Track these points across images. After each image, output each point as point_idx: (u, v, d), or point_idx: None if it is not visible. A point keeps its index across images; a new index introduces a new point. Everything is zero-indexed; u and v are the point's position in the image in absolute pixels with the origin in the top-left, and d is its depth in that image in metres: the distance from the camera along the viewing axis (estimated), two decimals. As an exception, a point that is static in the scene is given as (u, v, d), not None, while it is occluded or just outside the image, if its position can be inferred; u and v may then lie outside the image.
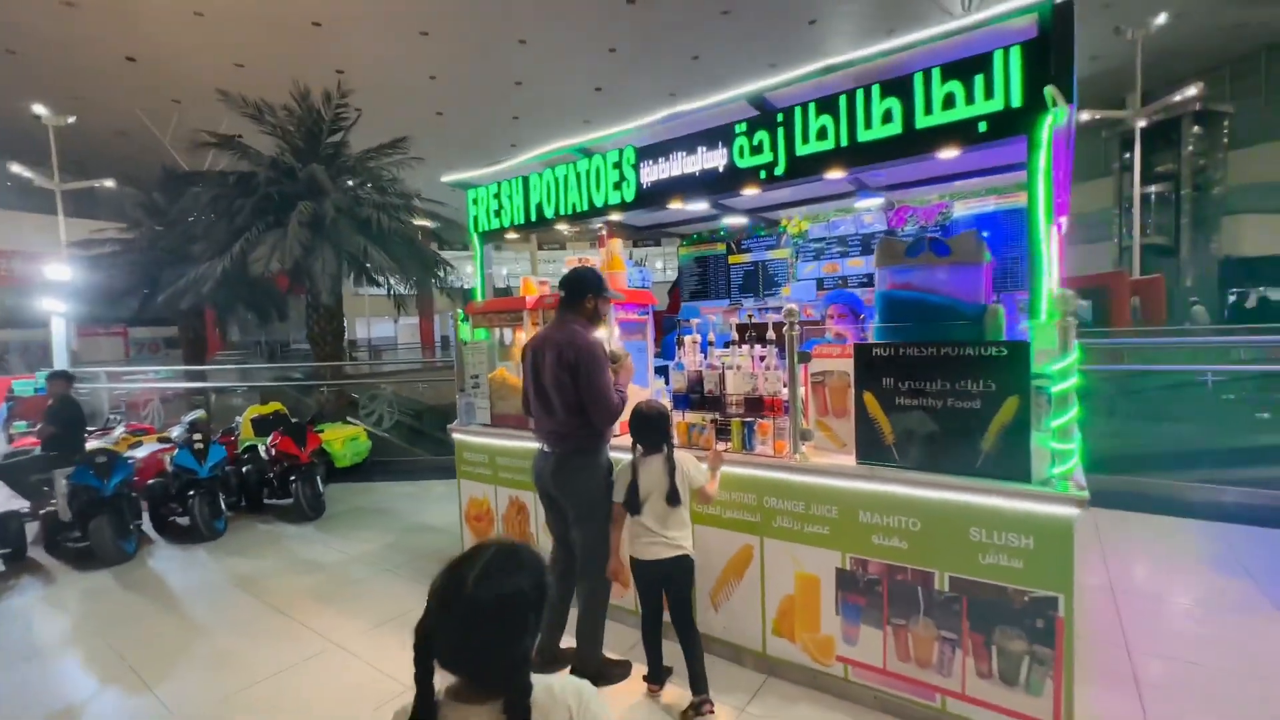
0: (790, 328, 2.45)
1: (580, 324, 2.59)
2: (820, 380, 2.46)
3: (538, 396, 2.65)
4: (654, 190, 3.09)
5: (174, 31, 12.16)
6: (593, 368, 2.45)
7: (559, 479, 2.59)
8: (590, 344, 2.49)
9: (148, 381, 9.57)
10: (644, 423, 2.42)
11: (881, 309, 2.45)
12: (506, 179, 3.73)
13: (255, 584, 3.90)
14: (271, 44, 13.07)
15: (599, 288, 2.64)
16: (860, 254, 5.27)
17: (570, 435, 2.56)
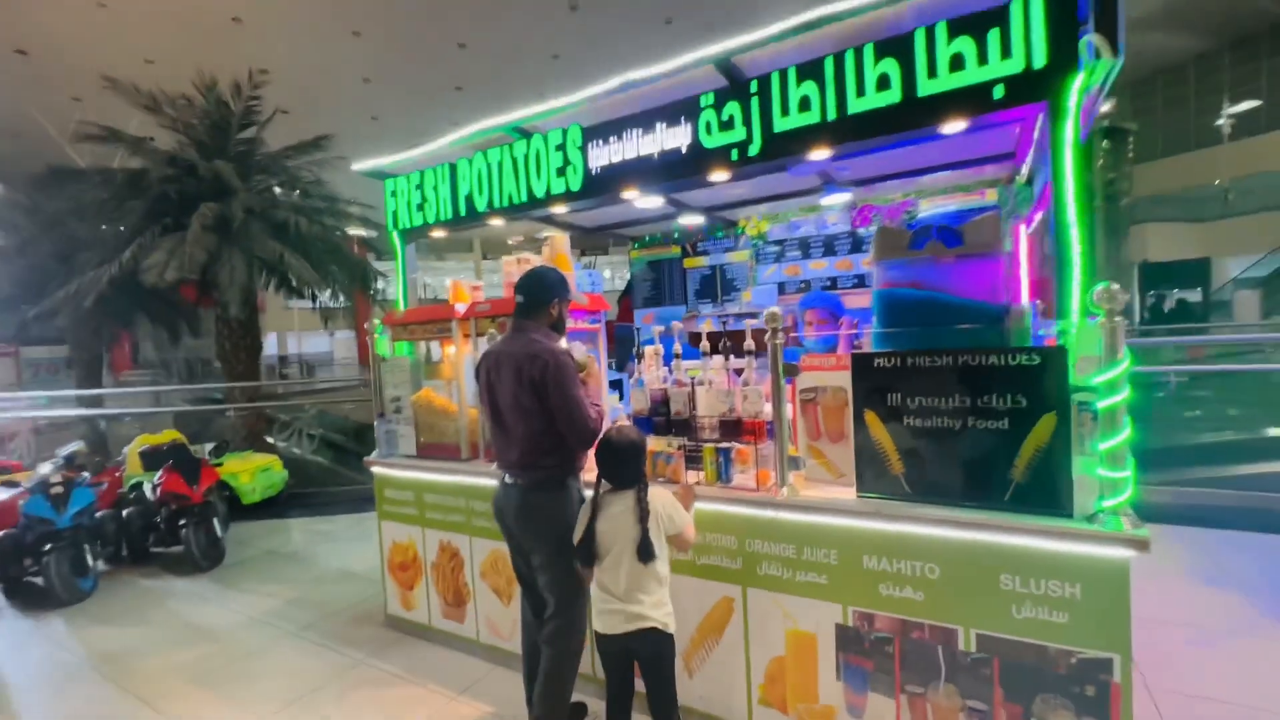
0: (774, 335, 2.03)
1: (541, 333, 2.19)
2: (811, 398, 2.05)
3: (494, 422, 2.24)
4: (604, 177, 2.62)
5: (73, 23, 10.82)
6: (563, 382, 2.05)
7: (523, 516, 2.16)
8: (557, 354, 2.08)
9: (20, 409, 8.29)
10: (612, 455, 1.97)
11: (881, 311, 2.06)
12: (431, 166, 3.18)
13: (119, 663, 3.15)
14: (185, 40, 11.89)
15: (563, 290, 2.26)
16: (823, 255, 4.98)
17: (535, 465, 2.14)
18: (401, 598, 3.29)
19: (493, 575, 2.89)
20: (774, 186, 4.08)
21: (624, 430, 2.01)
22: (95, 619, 3.71)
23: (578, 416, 2.06)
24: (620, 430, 2.01)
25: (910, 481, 1.87)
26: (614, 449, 1.96)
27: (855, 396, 1.94)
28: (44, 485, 4.02)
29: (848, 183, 4.05)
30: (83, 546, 4.03)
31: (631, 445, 1.96)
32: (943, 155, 3.55)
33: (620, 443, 1.96)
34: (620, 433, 1.99)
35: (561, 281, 2.26)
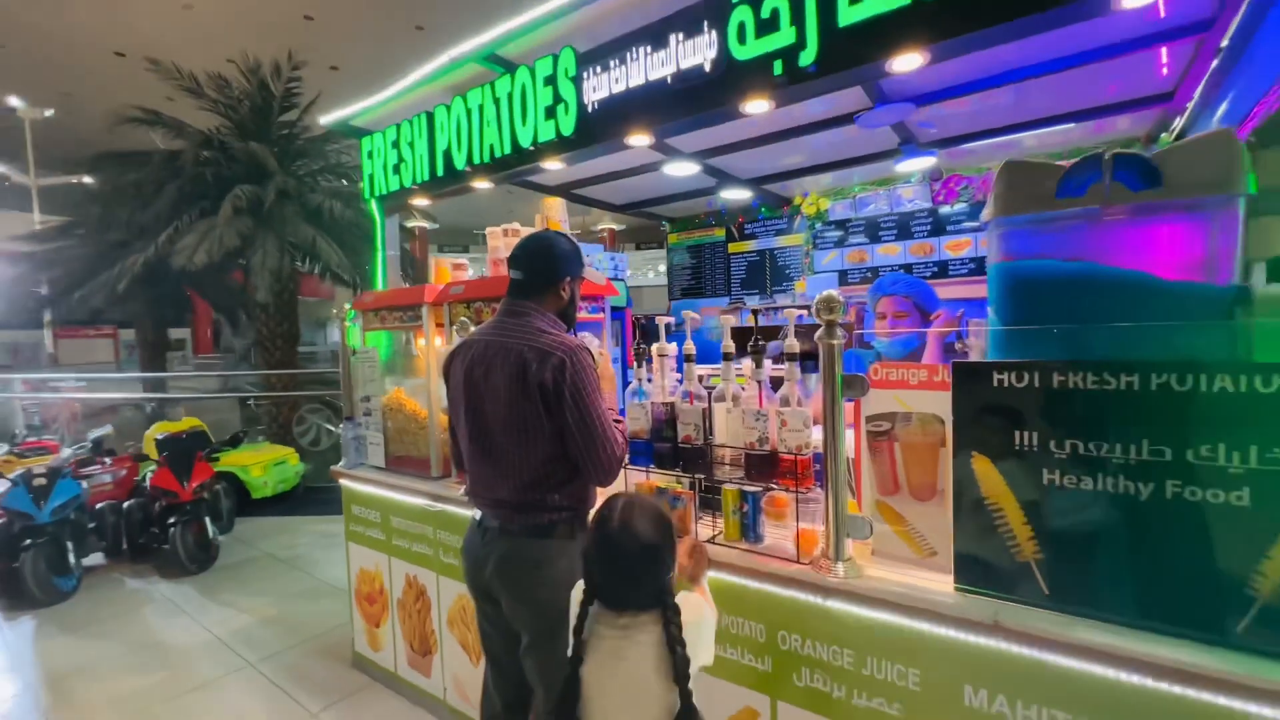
0: (829, 332, 1.33)
1: (548, 321, 1.58)
2: (885, 429, 1.33)
3: (476, 442, 1.60)
4: (604, 115, 1.97)
5: (162, 25, 11.04)
6: (586, 390, 1.48)
7: (512, 576, 1.54)
8: (576, 351, 1.50)
9: (71, 391, 8.49)
10: (613, 559, 1.16)
11: (1006, 298, 1.31)
12: (408, 119, 2.61)
13: (59, 688, 2.79)
14: (261, 38, 12.07)
15: (577, 265, 1.65)
16: (896, 238, 4.14)
17: (536, 506, 1.53)
18: (369, 635, 2.77)
19: (460, 627, 2.31)
20: (836, 149, 3.31)
21: (634, 513, 1.16)
22: (62, 626, 3.41)
23: (602, 440, 1.49)
24: (628, 513, 1.16)
25: (1053, 579, 1.14)
26: (618, 550, 1.13)
27: (958, 432, 1.22)
28: (27, 477, 3.77)
29: (931, 144, 3.22)
30: (64, 543, 3.76)
31: (648, 550, 1.13)
32: (1067, 97, 2.68)
33: (627, 543, 1.13)
34: (628, 520, 1.14)
35: (575, 253, 1.64)
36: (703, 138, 3.00)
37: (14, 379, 8.25)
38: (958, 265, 3.88)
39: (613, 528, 1.15)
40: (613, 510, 1.18)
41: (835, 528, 1.37)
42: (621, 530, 1.15)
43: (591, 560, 1.19)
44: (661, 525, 1.19)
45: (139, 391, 10.07)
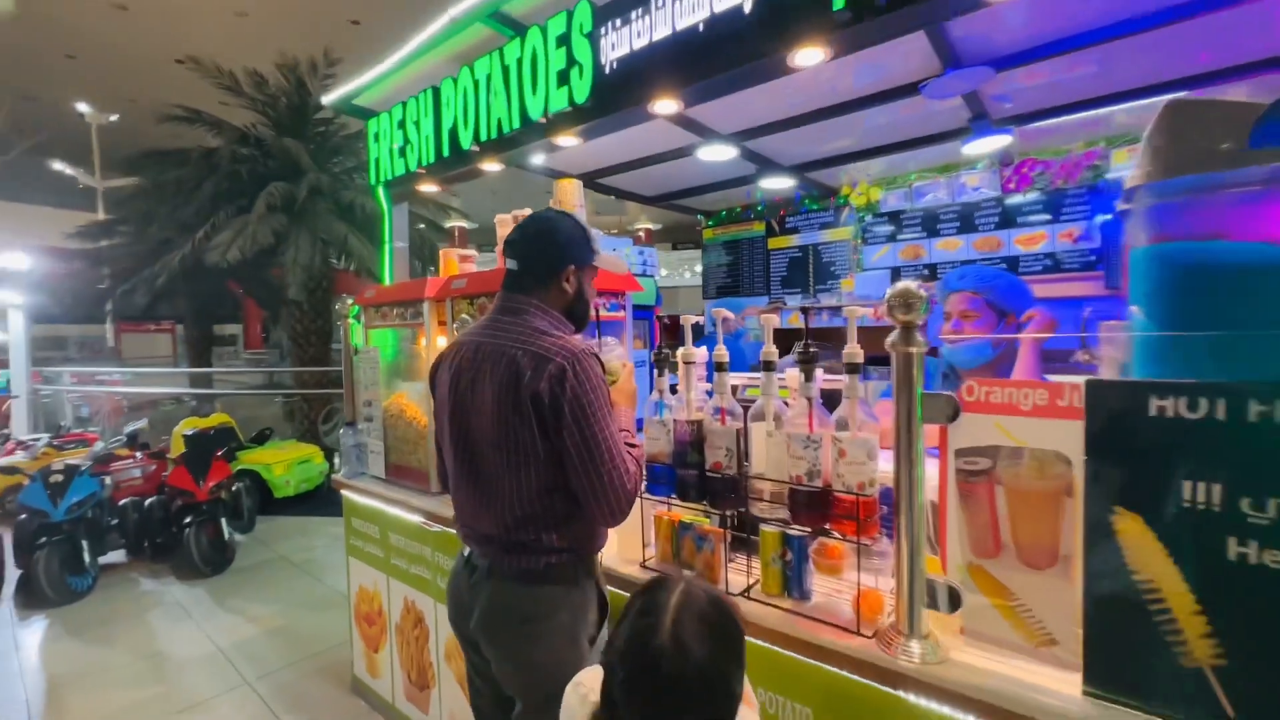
0: (905, 338, 1.00)
1: (549, 319, 1.31)
2: (982, 469, 0.99)
3: (461, 463, 1.33)
4: (623, 76, 1.67)
5: (219, 31, 11.33)
6: (590, 406, 1.20)
7: (496, 629, 1.27)
8: (580, 356, 1.21)
9: (113, 385, 8.71)
10: (662, 689, 0.76)
11: (1163, 294, 0.96)
12: (414, 96, 2.37)
13: (52, 698, 2.66)
14: (311, 41, 12.29)
15: (584, 251, 1.36)
16: (958, 231, 3.72)
17: (528, 546, 1.25)
18: (367, 660, 2.55)
19: (458, 661, 2.05)
20: (894, 128, 2.93)
21: (693, 621, 0.79)
22: (70, 629, 3.32)
23: (610, 470, 1.20)
24: (684, 621, 0.78)
25: (1240, 695, 0.78)
26: (665, 680, 0.76)
27: (1094, 477, 0.87)
28: (45, 473, 3.72)
29: (1006, 120, 2.81)
30: (79, 542, 3.69)
31: (711, 683, 0.77)
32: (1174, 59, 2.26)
33: (682, 670, 0.75)
34: (683, 635, 0.77)
35: (583, 238, 1.36)
36: (740, 115, 2.67)
37: (64, 371, 8.50)
38: (1030, 262, 3.44)
39: (661, 644, 0.76)
40: (658, 613, 0.78)
41: (909, 593, 1.04)
42: (676, 651, 0.75)
43: (619, 680, 0.79)
44: (732, 641, 0.82)
45: (185, 386, 10.31)
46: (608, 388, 1.25)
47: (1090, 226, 3.23)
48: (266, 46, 12.92)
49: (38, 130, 15.33)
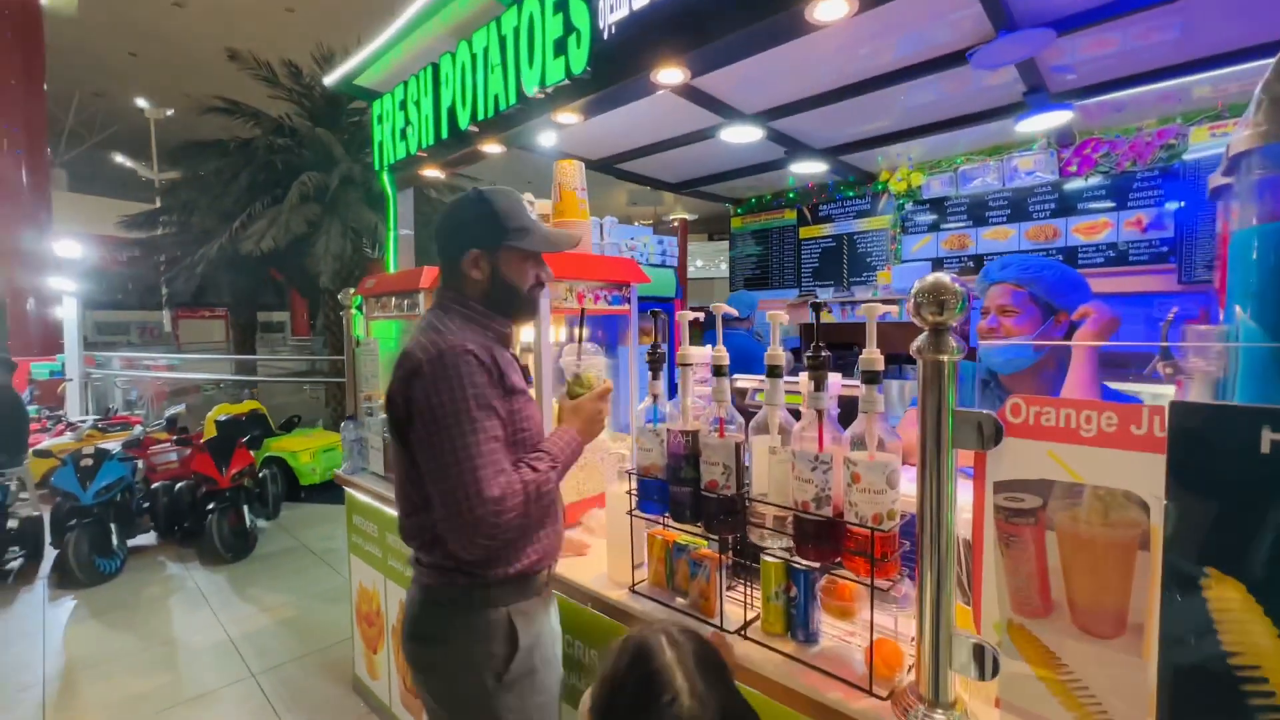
0: (935, 342, 0.81)
1: (464, 312, 1.21)
2: (1028, 509, 0.80)
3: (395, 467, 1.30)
4: (623, 41, 1.50)
5: (269, 26, 11.63)
6: (441, 408, 1.07)
7: (411, 646, 1.23)
8: (444, 354, 1.09)
9: (158, 370, 9.05)
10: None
11: (1276, 287, 0.74)
12: (415, 74, 2.25)
13: (67, 680, 2.70)
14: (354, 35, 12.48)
15: (491, 232, 1.20)
16: (1008, 220, 3.41)
17: (419, 556, 1.22)
18: (367, 660, 2.49)
19: (449, 673, 1.95)
20: (938, 105, 2.67)
21: (701, 672, 0.73)
22: (94, 610, 3.38)
23: (453, 486, 1.04)
24: (694, 678, 0.72)
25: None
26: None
27: (1179, 528, 0.67)
28: (76, 457, 3.81)
29: (1067, 93, 2.51)
30: (107, 525, 3.77)
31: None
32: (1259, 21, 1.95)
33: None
34: (700, 690, 0.71)
35: (489, 215, 1.19)
36: (765, 91, 2.46)
37: (114, 356, 8.87)
38: (1091, 253, 3.12)
39: (687, 707, 0.68)
40: (663, 677, 0.71)
41: (933, 651, 0.86)
42: (704, 709, 0.69)
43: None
44: (728, 671, 0.78)
45: (230, 372, 10.67)
46: (473, 385, 1.07)
47: (1162, 214, 2.90)
48: (311, 40, 13.20)
49: (105, 125, 16.07)
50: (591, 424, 1.27)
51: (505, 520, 1.05)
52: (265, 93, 8.20)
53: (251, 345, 12.35)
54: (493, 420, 1.09)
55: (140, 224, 9.34)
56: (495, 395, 1.11)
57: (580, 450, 1.24)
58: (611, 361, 1.40)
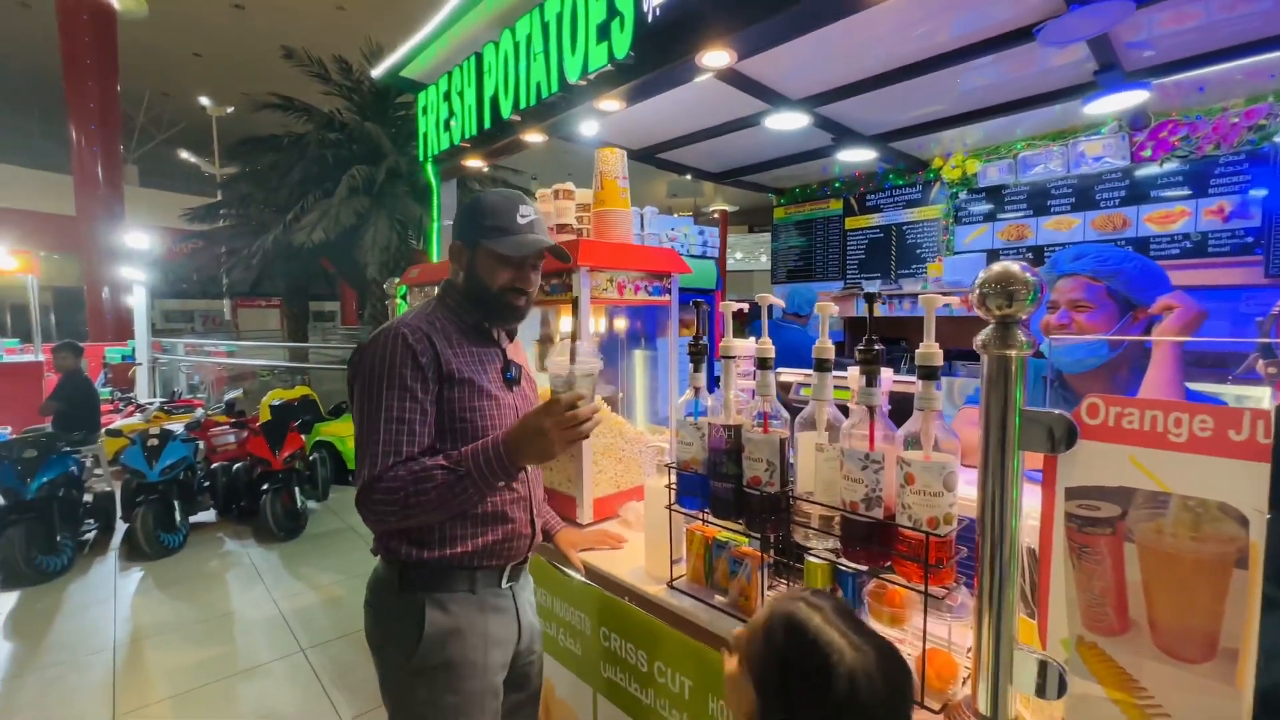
0: (1002, 336, 0.75)
1: (449, 300, 1.25)
2: (1105, 518, 0.74)
3: None
4: (668, 24, 1.46)
5: (319, 24, 12.01)
6: (368, 378, 1.11)
7: (365, 626, 1.27)
8: (381, 333, 1.14)
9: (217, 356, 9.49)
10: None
11: None
12: (459, 64, 2.26)
13: (134, 647, 2.86)
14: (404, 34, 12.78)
15: (471, 226, 1.21)
16: (1071, 209, 3.23)
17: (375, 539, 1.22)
18: (408, 640, 2.55)
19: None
20: (998, 87, 2.53)
21: (850, 624, 0.73)
22: (159, 582, 3.59)
23: (363, 445, 1.10)
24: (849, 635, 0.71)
25: None
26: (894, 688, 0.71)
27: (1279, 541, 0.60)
28: (143, 437, 4.03)
29: (1143, 71, 2.34)
30: (172, 502, 3.99)
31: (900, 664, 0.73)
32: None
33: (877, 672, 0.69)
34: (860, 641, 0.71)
35: (475, 213, 1.20)
36: (813, 76, 2.38)
37: (179, 342, 9.36)
38: (1164, 244, 2.91)
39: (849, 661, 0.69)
40: (825, 645, 0.70)
41: (993, 666, 0.80)
42: (871, 682, 0.69)
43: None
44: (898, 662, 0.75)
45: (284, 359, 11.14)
46: (393, 363, 1.09)
47: (1247, 201, 2.68)
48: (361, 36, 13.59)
49: (172, 123, 16.93)
50: (531, 440, 1.05)
51: (375, 501, 1.05)
52: (318, 89, 8.47)
53: (304, 333, 12.89)
54: (405, 402, 1.08)
55: (202, 216, 9.81)
56: (417, 378, 1.10)
57: (510, 465, 1.06)
58: (604, 367, 1.26)
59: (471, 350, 1.20)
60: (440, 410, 1.14)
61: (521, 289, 1.23)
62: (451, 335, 1.18)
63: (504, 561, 1.22)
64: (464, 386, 1.15)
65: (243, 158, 8.68)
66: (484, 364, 1.21)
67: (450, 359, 1.14)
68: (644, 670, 1.37)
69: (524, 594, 1.33)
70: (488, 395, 1.18)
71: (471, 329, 1.23)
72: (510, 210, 1.20)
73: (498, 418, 1.19)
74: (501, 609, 1.23)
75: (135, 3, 9.10)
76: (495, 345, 1.27)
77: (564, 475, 1.73)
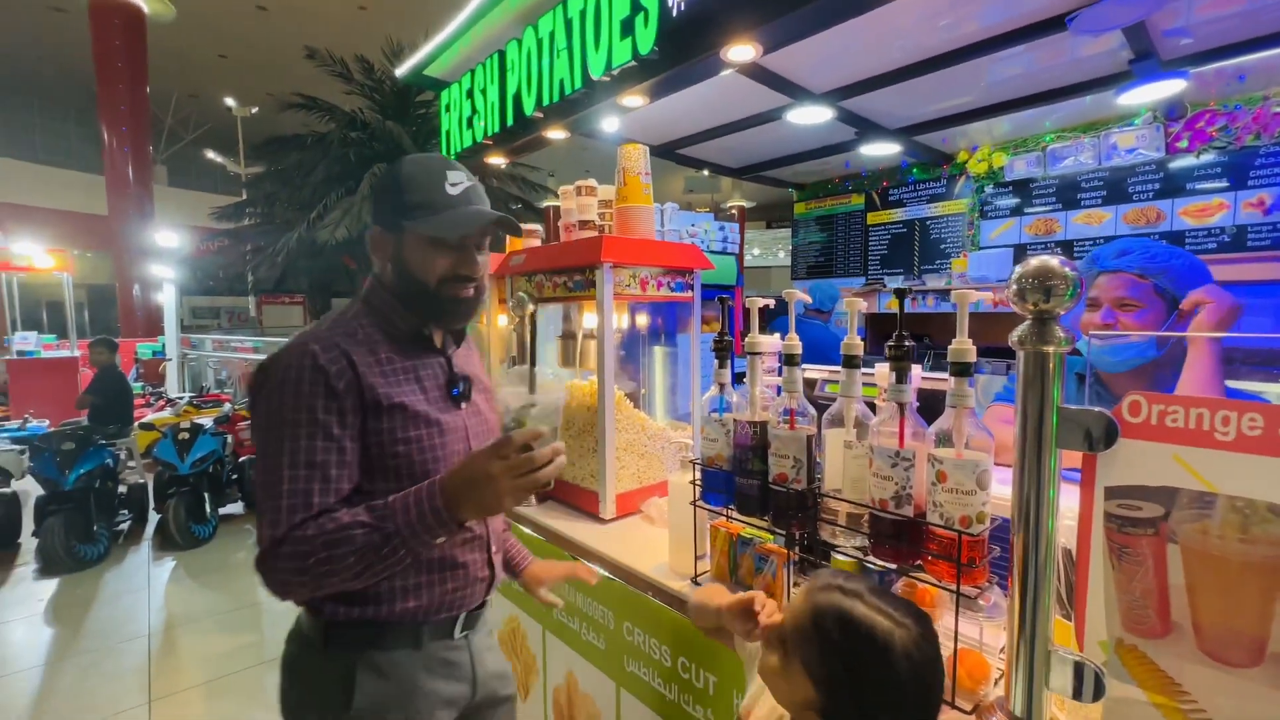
0: (1039, 332, 0.74)
1: (375, 301, 1.01)
2: (1147, 519, 0.72)
3: None
4: (693, 19, 1.45)
5: (341, 25, 12.16)
6: (263, 416, 0.89)
7: None
8: (280, 356, 0.91)
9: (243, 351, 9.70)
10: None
11: None
12: (482, 62, 2.28)
13: (169, 634, 2.95)
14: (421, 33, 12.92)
15: (390, 208, 0.98)
16: (1103, 203, 3.15)
17: None
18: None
19: (510, 653, 2.00)
20: (1028, 77, 2.47)
21: (883, 598, 0.76)
22: (190, 571, 3.69)
23: (262, 492, 0.86)
24: (881, 605, 0.75)
25: None
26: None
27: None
28: (174, 431, 4.14)
29: (1181, 60, 2.27)
30: (202, 494, 4.08)
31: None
32: None
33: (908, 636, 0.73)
34: (890, 610, 0.75)
35: (391, 186, 0.98)
36: (837, 69, 2.35)
37: (207, 339, 9.58)
38: (1201, 237, 2.83)
39: (887, 628, 0.73)
40: (869, 632, 0.73)
41: (1027, 667, 0.79)
42: (921, 652, 0.74)
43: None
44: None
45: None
46: (305, 402, 0.86)
47: (1290, 193, 2.59)
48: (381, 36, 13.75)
49: (199, 124, 17.32)
50: (477, 488, 0.83)
51: (279, 570, 0.82)
52: (340, 88, 8.60)
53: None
54: (316, 440, 0.86)
55: (229, 215, 10.03)
56: (332, 409, 0.87)
57: (449, 519, 0.83)
58: (559, 398, 0.96)
59: (405, 364, 0.98)
60: (367, 444, 0.91)
61: (467, 276, 0.99)
62: (379, 347, 0.96)
63: (457, 611, 1.02)
64: (395, 414, 0.93)
65: (267, 157, 8.84)
66: (421, 380, 0.99)
67: (376, 381, 0.92)
68: (667, 665, 1.37)
69: (481, 638, 1.11)
70: (427, 421, 0.96)
71: (407, 337, 1.00)
72: (436, 180, 0.96)
73: (441, 446, 0.97)
74: (452, 663, 1.03)
75: (163, 5, 9.31)
76: (437, 354, 1.04)
77: (586, 471, 1.74)
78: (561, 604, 1.36)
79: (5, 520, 3.95)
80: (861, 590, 0.76)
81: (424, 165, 0.99)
